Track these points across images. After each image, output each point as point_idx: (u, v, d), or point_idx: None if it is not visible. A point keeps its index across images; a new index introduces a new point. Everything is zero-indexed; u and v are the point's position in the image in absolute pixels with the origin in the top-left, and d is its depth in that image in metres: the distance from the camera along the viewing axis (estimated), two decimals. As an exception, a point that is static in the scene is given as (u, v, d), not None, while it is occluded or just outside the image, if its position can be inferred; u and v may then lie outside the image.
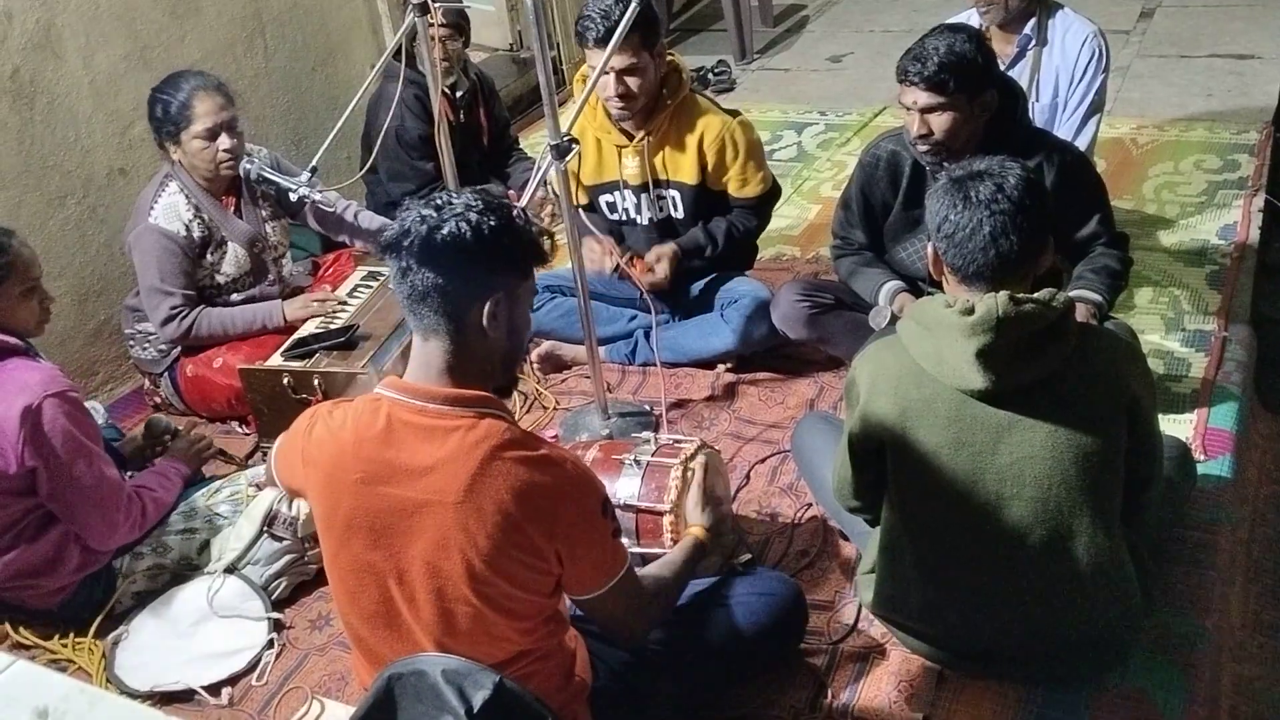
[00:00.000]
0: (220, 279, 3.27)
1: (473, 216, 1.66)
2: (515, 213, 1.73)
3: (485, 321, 1.68)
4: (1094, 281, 2.65)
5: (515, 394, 3.26)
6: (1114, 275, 2.67)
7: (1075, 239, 2.71)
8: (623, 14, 2.76)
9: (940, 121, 2.57)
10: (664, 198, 3.23)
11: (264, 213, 3.36)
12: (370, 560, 1.73)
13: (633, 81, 3.00)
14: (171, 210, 3.14)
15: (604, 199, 3.30)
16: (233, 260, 3.27)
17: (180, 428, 2.91)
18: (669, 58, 3.12)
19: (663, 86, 3.10)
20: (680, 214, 3.24)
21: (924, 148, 2.63)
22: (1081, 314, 2.57)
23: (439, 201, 1.70)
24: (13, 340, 2.43)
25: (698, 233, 3.22)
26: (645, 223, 3.28)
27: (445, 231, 1.65)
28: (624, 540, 1.90)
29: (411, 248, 1.65)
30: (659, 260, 3.15)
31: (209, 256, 3.22)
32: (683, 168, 3.16)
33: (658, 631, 2.00)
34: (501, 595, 1.72)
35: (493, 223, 1.67)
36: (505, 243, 1.69)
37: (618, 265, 3.15)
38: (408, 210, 1.71)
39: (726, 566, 2.45)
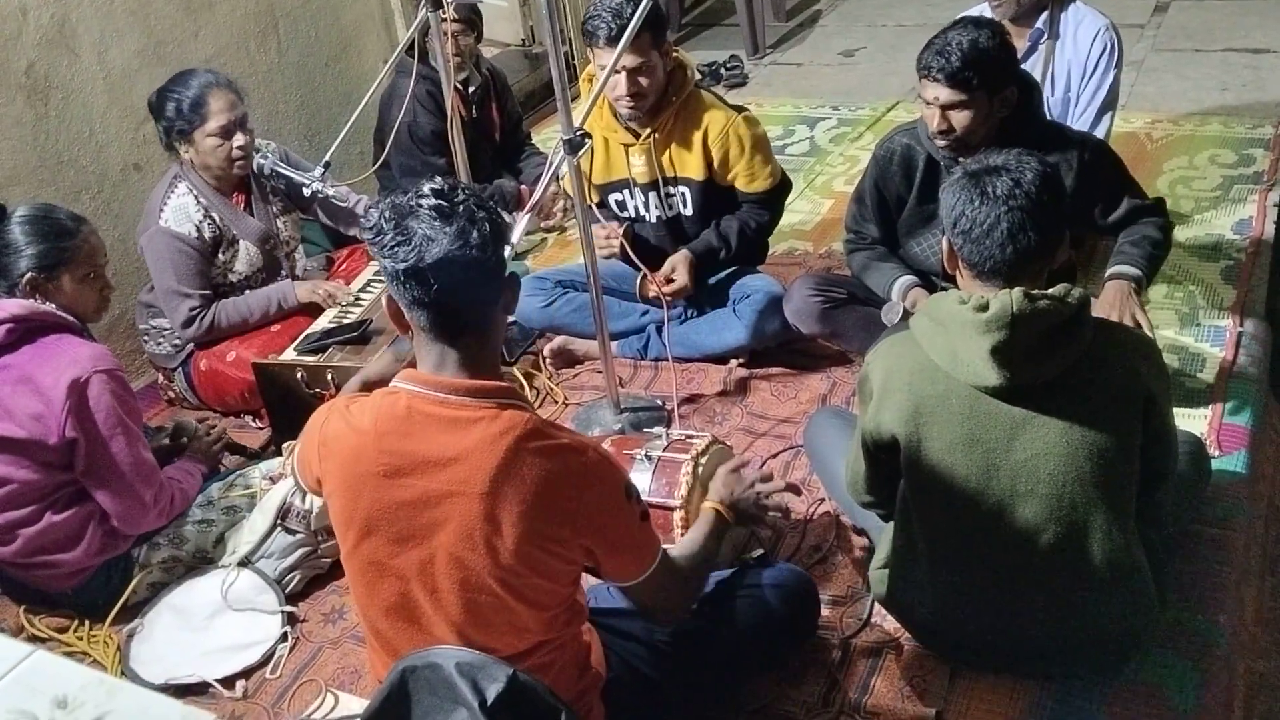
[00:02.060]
0: (233, 277, 3.28)
1: (481, 215, 1.64)
2: (483, 200, 1.70)
3: (505, 307, 1.74)
4: (1133, 255, 2.66)
5: (528, 388, 3.27)
6: (1155, 244, 2.68)
7: (1110, 221, 2.73)
8: (633, 11, 2.76)
9: (961, 118, 2.56)
10: (672, 195, 3.23)
11: (275, 208, 3.37)
12: (392, 553, 1.74)
13: (644, 80, 3.00)
14: (181, 212, 3.14)
15: (614, 198, 3.31)
16: (245, 258, 3.27)
17: (198, 425, 2.93)
18: (674, 54, 3.12)
19: (668, 83, 3.10)
20: (689, 211, 3.24)
21: (942, 143, 2.63)
22: (1121, 290, 2.58)
23: (443, 204, 1.63)
24: (69, 318, 2.51)
25: (710, 235, 3.21)
26: (654, 221, 3.28)
27: (474, 235, 1.62)
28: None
29: (426, 279, 1.62)
30: (674, 269, 3.15)
31: (221, 256, 3.23)
32: (689, 164, 3.16)
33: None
34: (526, 585, 1.73)
35: (494, 209, 1.68)
36: (502, 230, 1.70)
37: (625, 257, 3.15)
38: (410, 231, 1.62)
39: (739, 561, 2.45)
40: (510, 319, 1.82)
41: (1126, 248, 2.69)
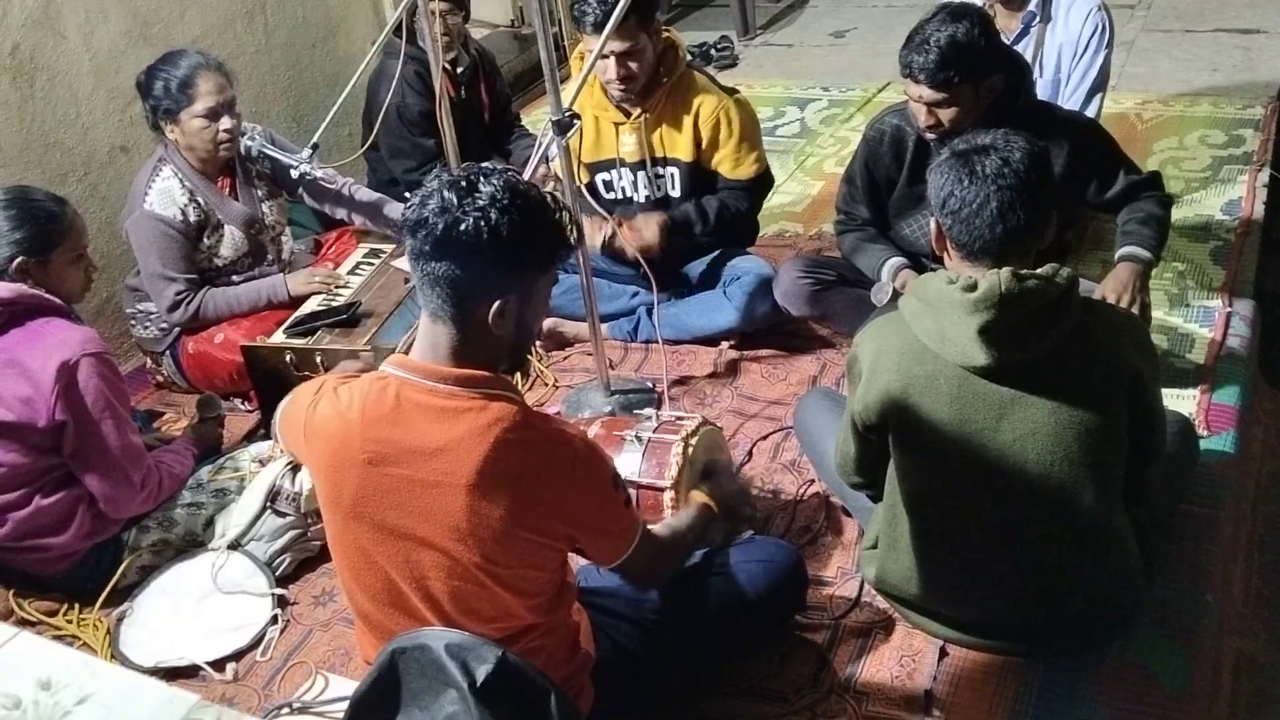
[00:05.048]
0: (219, 262, 3.25)
1: (493, 214, 1.60)
2: (546, 204, 1.67)
3: (492, 319, 1.65)
4: (1144, 236, 2.64)
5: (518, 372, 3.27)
6: (1161, 223, 2.68)
7: (1108, 198, 2.72)
8: None
9: (947, 114, 2.55)
10: (661, 176, 3.22)
11: (260, 192, 3.34)
12: (378, 540, 1.73)
13: (633, 64, 2.99)
14: (166, 195, 3.12)
15: (601, 177, 3.29)
16: (230, 243, 3.25)
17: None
18: (665, 34, 3.11)
19: (659, 63, 3.09)
20: (677, 193, 3.23)
21: (931, 136, 2.62)
22: (1134, 272, 2.57)
23: (464, 184, 1.62)
24: (56, 301, 2.50)
25: (689, 207, 3.20)
26: (642, 201, 3.27)
27: (463, 227, 1.59)
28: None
29: (429, 235, 1.61)
30: (647, 224, 3.12)
31: (206, 240, 3.21)
32: (679, 145, 3.15)
33: (659, 601, 2.03)
34: (512, 575, 1.73)
35: (516, 220, 1.61)
36: (524, 243, 1.64)
37: (608, 241, 3.14)
38: (431, 191, 1.64)
39: (729, 542, 2.45)
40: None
41: (1135, 227, 2.66)
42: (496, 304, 1.65)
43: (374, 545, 1.74)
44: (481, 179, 1.63)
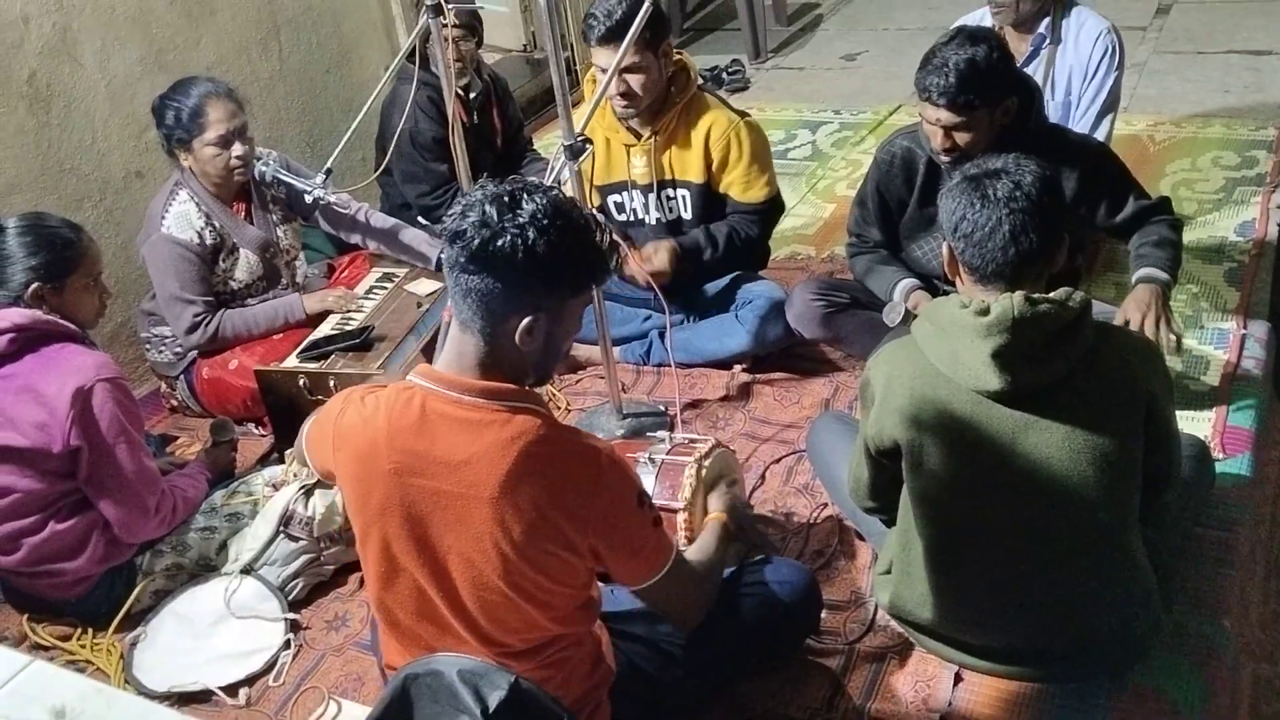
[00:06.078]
0: (234, 285, 3.28)
1: (531, 233, 1.60)
2: (588, 226, 1.68)
3: (519, 335, 1.66)
4: (1160, 258, 2.64)
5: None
6: (1173, 244, 2.68)
7: (1116, 222, 2.72)
8: (625, 13, 2.77)
9: (964, 137, 2.56)
10: (672, 198, 3.22)
11: (275, 216, 3.36)
12: (405, 550, 1.74)
13: (634, 80, 2.98)
14: (183, 219, 3.14)
15: (612, 199, 3.30)
16: (245, 266, 3.27)
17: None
18: (677, 56, 3.11)
19: (670, 85, 3.09)
20: (689, 215, 3.23)
21: (946, 159, 2.62)
22: (1154, 293, 2.57)
23: (507, 199, 1.62)
24: (71, 327, 2.52)
25: (698, 233, 3.19)
26: (653, 223, 3.27)
27: (500, 243, 1.60)
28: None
29: (466, 248, 1.62)
30: (657, 251, 3.12)
31: (221, 263, 3.23)
32: (690, 167, 3.15)
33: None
34: (535, 587, 1.73)
35: (554, 240, 1.61)
36: (560, 264, 1.64)
37: (619, 267, 3.14)
38: (473, 203, 1.64)
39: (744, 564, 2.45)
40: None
41: (1149, 250, 2.66)
42: (526, 321, 1.65)
43: (402, 554, 1.75)
44: (525, 196, 1.63)
